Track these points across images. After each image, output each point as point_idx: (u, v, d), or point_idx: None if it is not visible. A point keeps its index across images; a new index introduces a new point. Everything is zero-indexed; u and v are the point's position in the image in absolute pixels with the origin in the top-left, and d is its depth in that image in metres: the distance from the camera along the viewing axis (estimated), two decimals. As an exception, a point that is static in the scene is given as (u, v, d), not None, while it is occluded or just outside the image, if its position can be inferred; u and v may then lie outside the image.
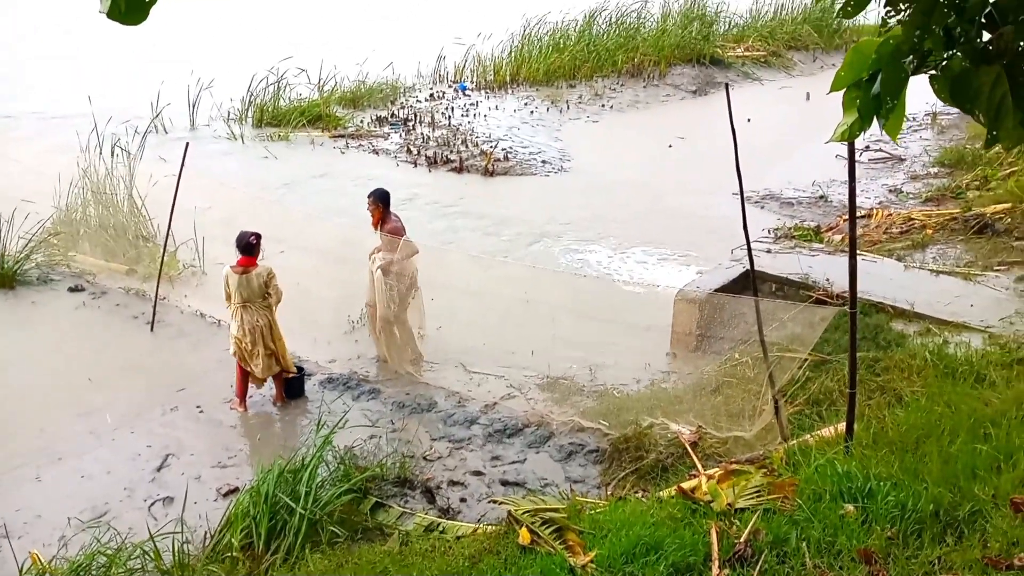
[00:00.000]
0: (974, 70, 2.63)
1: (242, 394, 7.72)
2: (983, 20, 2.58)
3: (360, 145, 17.06)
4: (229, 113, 18.18)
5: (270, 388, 7.91)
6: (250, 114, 18.32)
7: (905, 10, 2.60)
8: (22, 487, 6.60)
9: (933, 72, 2.74)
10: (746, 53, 26.21)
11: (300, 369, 8.10)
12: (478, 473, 6.71)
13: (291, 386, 7.91)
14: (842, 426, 5.70)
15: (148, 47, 22.37)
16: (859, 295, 5.74)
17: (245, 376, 7.68)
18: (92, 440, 7.23)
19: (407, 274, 8.28)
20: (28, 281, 10.07)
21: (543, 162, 16.33)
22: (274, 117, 18.18)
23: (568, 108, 20.69)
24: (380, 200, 8.39)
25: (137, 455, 7.02)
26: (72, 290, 10.00)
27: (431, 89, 21.93)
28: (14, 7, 30.94)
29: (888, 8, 2.63)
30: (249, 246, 7.52)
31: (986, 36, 2.58)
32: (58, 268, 10.43)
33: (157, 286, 9.26)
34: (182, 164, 8.93)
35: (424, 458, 6.85)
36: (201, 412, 7.67)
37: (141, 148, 11.83)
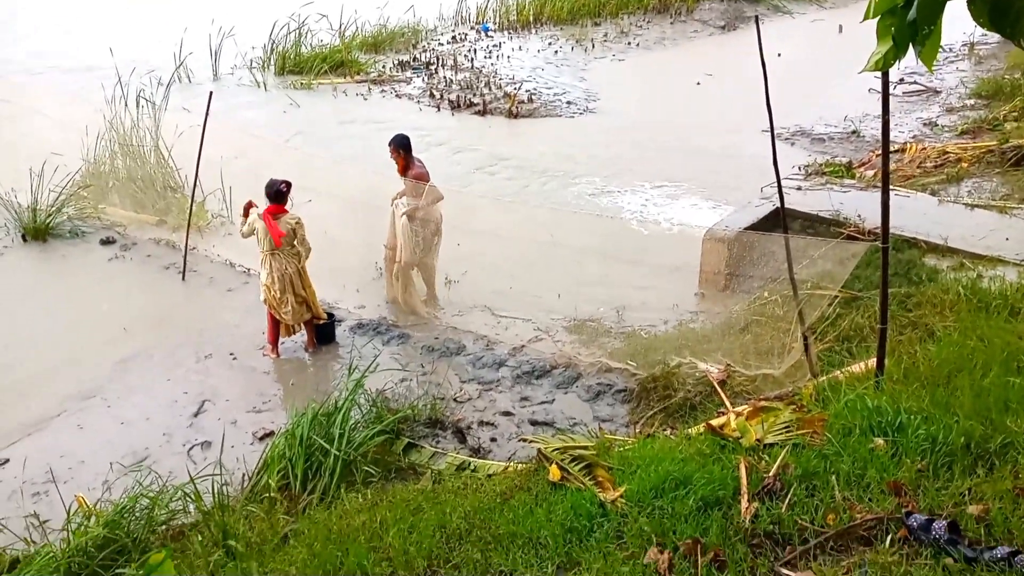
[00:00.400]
0: (1014, -7, 2.53)
1: (274, 341, 7.84)
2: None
3: (383, 90, 16.93)
4: (251, 61, 18.10)
5: (302, 334, 8.01)
6: (272, 62, 18.22)
7: (943, -68, 2.49)
8: (65, 434, 6.79)
9: (971, -2, 2.64)
10: (776, -15, 25.39)
11: (330, 315, 8.19)
12: (507, 413, 6.78)
13: (322, 332, 8.00)
14: (872, 362, 5.65)
15: (168, -4, 22.21)
16: (891, 230, 5.63)
17: (276, 323, 7.79)
18: (130, 388, 7.40)
19: (432, 220, 8.27)
20: (60, 234, 10.22)
21: (568, 103, 16.10)
22: (296, 64, 18.06)
23: (593, 47, 20.29)
24: (400, 146, 8.32)
25: (174, 402, 7.18)
26: (104, 242, 10.14)
27: (453, 31, 21.60)
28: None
29: (925, -71, 2.52)
30: (279, 194, 7.55)
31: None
32: (89, 220, 10.55)
33: (187, 236, 9.34)
34: (206, 114, 8.92)
35: (454, 400, 6.93)
36: (235, 359, 7.81)
37: (165, 99, 11.82)
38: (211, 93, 9.35)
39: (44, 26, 21.88)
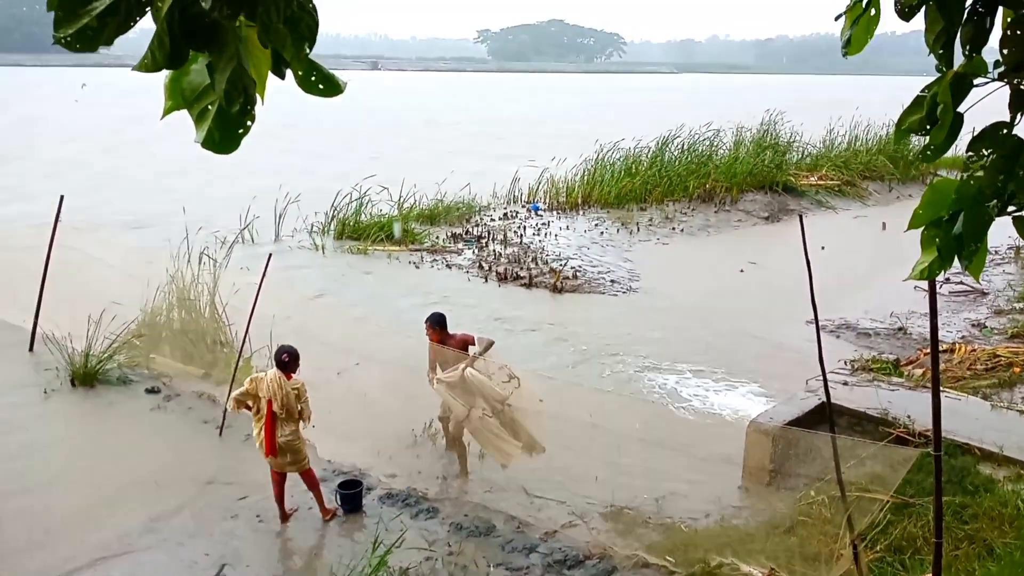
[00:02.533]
0: (1059, 214, 2.57)
1: (280, 498, 7.64)
2: (1070, 164, 2.54)
3: (435, 260, 17.51)
4: (312, 226, 19.00)
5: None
6: (332, 227, 19.10)
7: (989, 155, 2.58)
8: (80, 588, 6.60)
9: (1018, 214, 2.69)
10: (820, 182, 26.27)
11: (358, 483, 8.05)
12: (536, 605, 6.43)
13: (349, 500, 7.84)
14: (928, 577, 5.31)
15: (244, 162, 23.72)
16: (943, 434, 5.46)
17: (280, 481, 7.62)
18: (152, 544, 7.24)
19: (471, 388, 8.29)
20: (108, 380, 10.42)
21: (612, 281, 16.41)
22: (355, 231, 18.91)
23: (638, 230, 20.92)
24: (436, 324, 8.50)
25: (195, 563, 6.98)
26: (149, 391, 10.29)
27: (505, 208, 22.55)
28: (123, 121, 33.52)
29: (970, 153, 2.61)
30: (281, 363, 7.49)
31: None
32: (138, 369, 10.78)
33: (229, 391, 9.42)
34: (263, 273, 9.28)
35: (480, 585, 6.62)
36: (261, 522, 7.64)
37: (227, 257, 12.36)
38: (270, 254, 9.79)
39: (121, 182, 23.46)
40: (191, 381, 10.63)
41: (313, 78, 1.80)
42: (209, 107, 1.72)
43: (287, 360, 7.53)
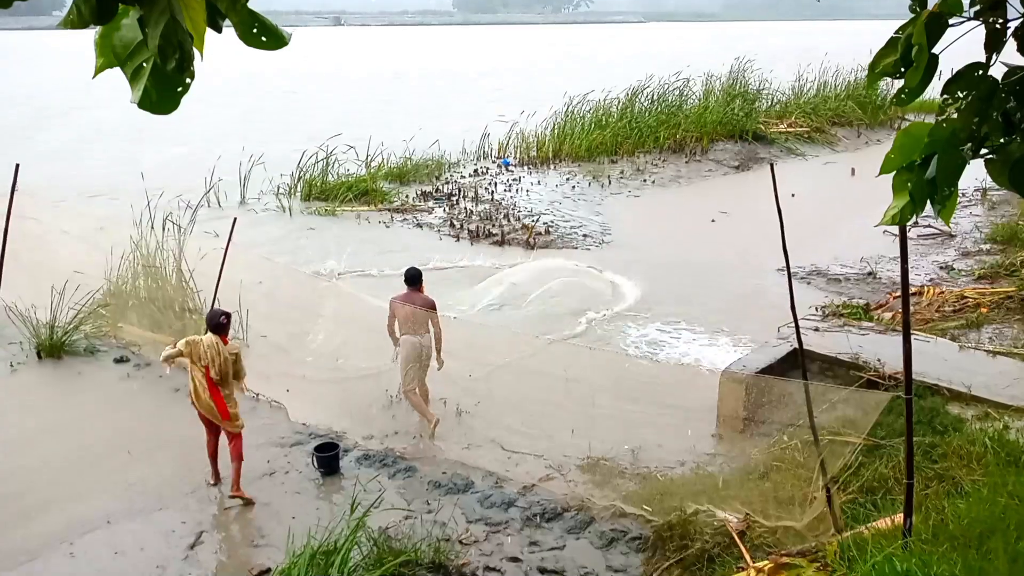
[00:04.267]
0: (1033, 155, 2.53)
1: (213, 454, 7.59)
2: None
3: (404, 219, 17.32)
4: (279, 188, 18.67)
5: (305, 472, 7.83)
6: (299, 189, 18.79)
7: (964, 97, 2.52)
8: (56, 561, 6.55)
9: (990, 156, 2.65)
10: (789, 129, 26.27)
11: (335, 445, 8.03)
12: (515, 559, 6.48)
13: (326, 462, 7.81)
14: (899, 517, 5.41)
15: (203, 124, 23.19)
16: (913, 377, 5.52)
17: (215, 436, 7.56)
18: (129, 513, 7.18)
19: (425, 347, 8.50)
20: (76, 351, 10.24)
21: (584, 236, 16.37)
22: (322, 192, 18.63)
23: (610, 183, 20.83)
24: (411, 279, 8.72)
25: (171, 531, 6.94)
26: (117, 361, 10.13)
27: (475, 165, 22.30)
28: (73, 82, 32.55)
29: (945, 95, 2.55)
30: (218, 326, 7.42)
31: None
32: (105, 339, 10.60)
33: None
34: (229, 238, 9.11)
35: (460, 542, 6.65)
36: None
37: (192, 222, 12.11)
38: (235, 219, 9.59)
39: (80, 149, 22.86)
40: (160, 349, 10.43)
41: (255, 30, 1.68)
42: (144, 64, 1.61)
43: (224, 323, 7.45)
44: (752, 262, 13.78)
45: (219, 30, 1.65)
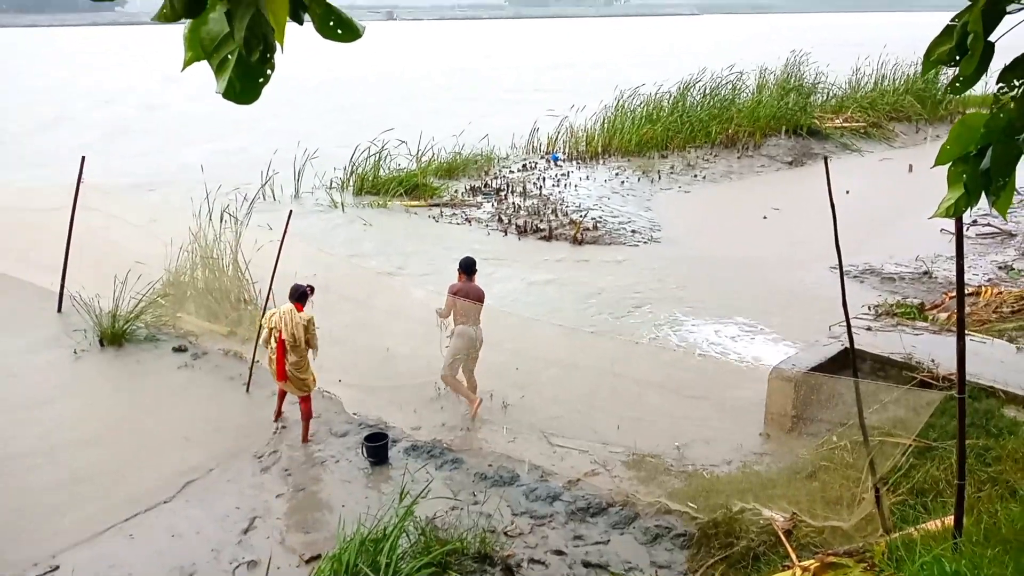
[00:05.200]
0: (1091, 148, 2.49)
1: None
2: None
3: (454, 214, 17.47)
4: (331, 182, 19.00)
5: (352, 456, 8.01)
6: (351, 183, 19.09)
7: (1019, 86, 2.49)
8: (117, 543, 6.81)
9: (1047, 148, 2.61)
10: (845, 124, 25.75)
11: (384, 435, 8.18)
12: (559, 552, 6.54)
13: (375, 452, 7.97)
14: (949, 519, 5.33)
15: (263, 118, 23.65)
16: (968, 378, 5.42)
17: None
18: (185, 498, 7.43)
19: (467, 336, 8.68)
20: (136, 340, 10.60)
21: (632, 232, 16.30)
22: (374, 186, 18.90)
23: (660, 178, 20.69)
24: (464, 268, 8.97)
25: (226, 516, 7.16)
26: (176, 350, 10.46)
27: (524, 160, 22.35)
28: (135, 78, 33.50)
29: (1000, 84, 2.52)
30: (302, 295, 8.31)
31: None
32: (164, 328, 10.95)
33: (255, 349, 9.57)
34: (285, 230, 9.32)
35: (505, 534, 6.73)
36: (289, 475, 7.80)
37: (248, 215, 12.43)
38: (290, 212, 9.80)
39: (141, 143, 23.52)
40: (217, 339, 10.78)
41: (332, 23, 1.77)
42: (229, 56, 1.70)
43: (307, 293, 8.37)
44: (804, 260, 13.58)
45: (300, 22, 1.74)
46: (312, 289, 8.53)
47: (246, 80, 1.74)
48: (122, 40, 74.16)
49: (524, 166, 21.63)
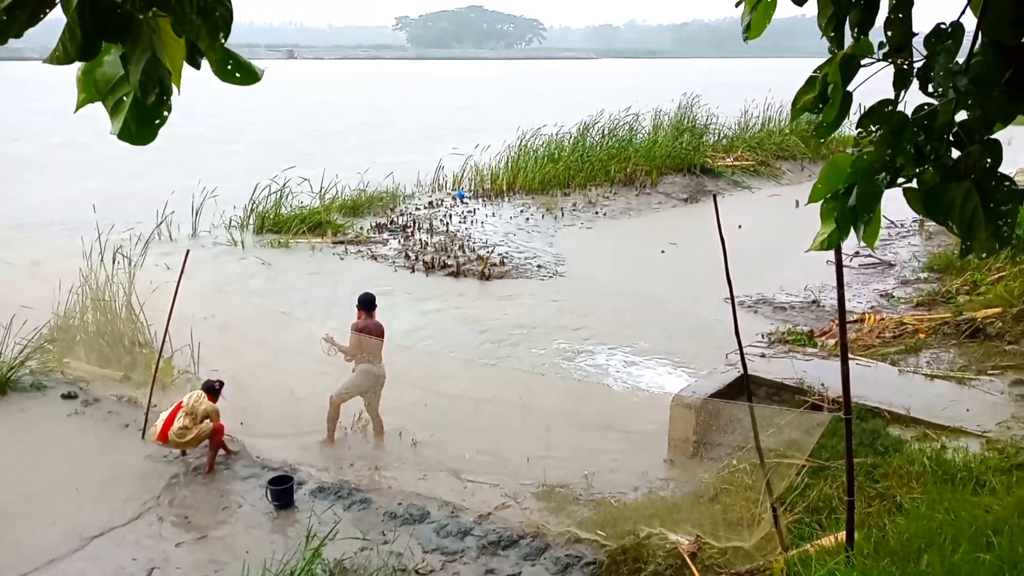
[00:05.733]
0: (945, 185, 2.75)
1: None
2: (951, 138, 2.72)
3: (359, 251, 17.34)
4: (231, 220, 18.58)
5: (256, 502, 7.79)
6: (251, 222, 18.71)
7: (876, 130, 2.74)
8: (0, 603, 6.39)
9: (907, 185, 2.87)
10: (736, 163, 27.01)
11: (289, 478, 7.98)
12: (471, 587, 6.51)
13: (280, 496, 7.76)
14: (842, 535, 5.59)
15: (154, 159, 22.94)
16: (854, 400, 5.76)
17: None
18: (77, 554, 7.03)
19: (371, 373, 8.80)
20: (22, 387, 10.03)
21: (538, 266, 16.57)
22: (275, 224, 18.57)
23: (563, 215, 21.15)
24: (364, 305, 9.08)
25: (122, 568, 6.82)
26: (65, 397, 9.94)
27: (430, 197, 22.46)
28: (26, 111, 32.02)
29: (859, 129, 2.77)
30: (214, 390, 8.60)
31: (955, 153, 2.72)
32: (52, 375, 10.40)
33: (151, 393, 9.21)
34: (182, 270, 9.06)
35: (416, 572, 6.66)
36: (190, 523, 7.50)
37: (143, 255, 12.03)
38: (187, 251, 9.56)
39: (29, 180, 22.45)
40: (110, 384, 10.31)
41: (229, 67, 1.80)
42: (124, 98, 1.71)
43: (217, 388, 8.67)
44: (700, 292, 14.10)
45: (197, 66, 1.76)
46: (222, 384, 8.75)
47: (142, 121, 1.75)
48: (8, 75, 70.75)
49: (430, 203, 21.72)
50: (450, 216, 20.31)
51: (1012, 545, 4.91)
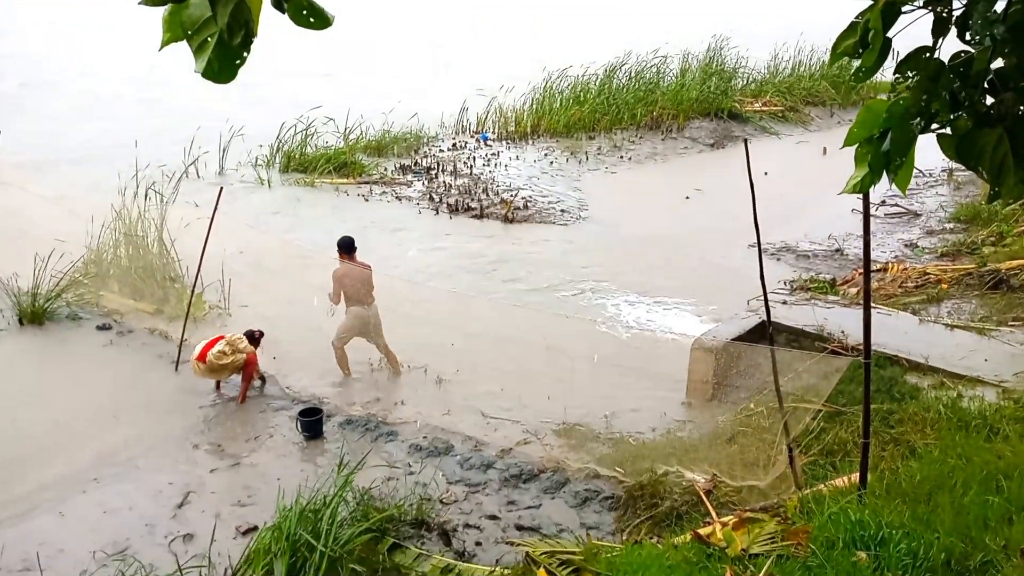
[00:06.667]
0: (978, 131, 2.81)
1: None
2: (986, 85, 2.77)
3: (384, 192, 17.42)
4: (257, 159, 18.66)
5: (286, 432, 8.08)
6: (278, 160, 18.80)
7: (913, 76, 2.79)
8: (47, 520, 6.74)
9: (940, 131, 2.93)
10: (764, 108, 26.57)
11: (318, 410, 8.26)
12: (494, 517, 6.78)
13: (310, 427, 8.04)
14: (855, 476, 5.75)
15: (189, 94, 22.95)
16: (874, 347, 5.84)
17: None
18: (115, 475, 7.37)
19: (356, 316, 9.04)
20: (58, 319, 10.33)
21: (562, 211, 16.59)
22: (301, 164, 18.63)
23: (587, 159, 21.03)
24: (344, 248, 9.20)
25: (159, 492, 7.15)
26: (100, 328, 10.24)
27: (454, 139, 22.36)
28: (68, 49, 32.00)
29: (897, 75, 2.82)
30: (252, 336, 8.87)
31: (989, 100, 2.77)
32: (87, 307, 10.69)
33: (184, 327, 9.47)
34: (215, 207, 9.21)
35: (440, 501, 6.93)
36: (223, 450, 7.81)
37: (175, 192, 12.17)
38: (220, 188, 9.69)
39: (63, 115, 22.59)
40: (142, 318, 10.60)
41: (304, 12, 1.89)
42: (209, 39, 1.81)
43: (257, 337, 8.94)
44: (724, 238, 14.09)
45: (283, 10, 1.86)
46: (262, 334, 9.01)
47: (224, 61, 1.86)
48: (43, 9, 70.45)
49: (454, 145, 21.65)
50: (474, 158, 20.27)
51: (1021, 489, 5.05)
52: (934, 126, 2.89)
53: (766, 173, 16.14)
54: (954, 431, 6.58)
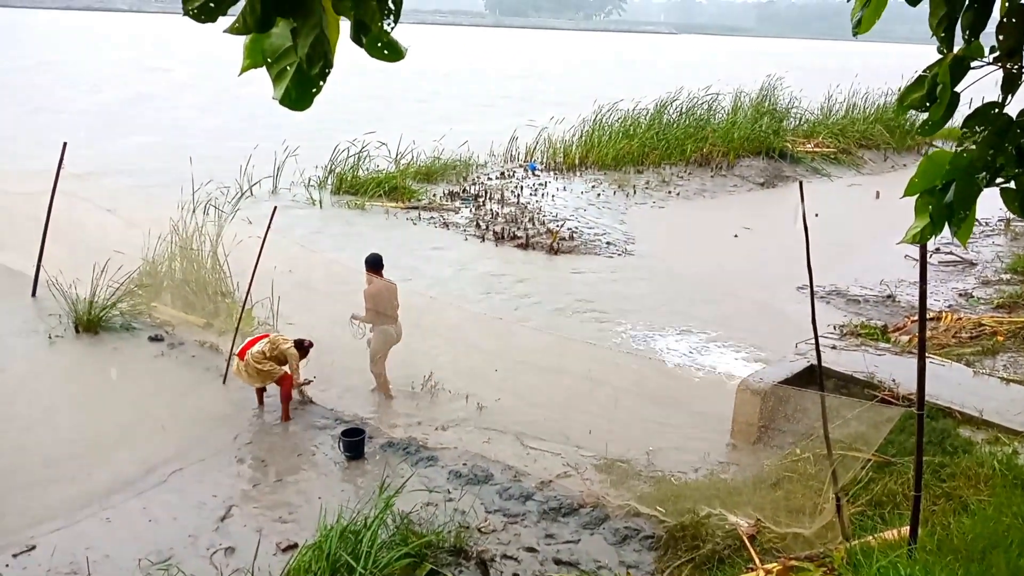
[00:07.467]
0: (1044, 187, 2.78)
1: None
2: (1053, 143, 2.74)
3: (432, 217, 17.63)
4: (310, 180, 19.04)
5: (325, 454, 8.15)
6: (330, 182, 19.16)
7: (981, 131, 2.77)
8: (94, 526, 6.87)
9: (1004, 185, 2.90)
10: (816, 149, 26.37)
11: (361, 431, 8.32)
12: (531, 550, 6.73)
13: (352, 447, 8.10)
14: (905, 530, 5.61)
15: (250, 115, 23.60)
16: (926, 398, 5.72)
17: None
18: (161, 485, 7.50)
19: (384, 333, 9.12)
20: (112, 328, 10.60)
21: (608, 243, 16.60)
22: (352, 186, 18.98)
23: (635, 193, 21.05)
24: (373, 265, 9.27)
25: (203, 504, 7.25)
26: (152, 339, 10.48)
27: (502, 168, 22.58)
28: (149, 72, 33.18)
29: (964, 128, 2.81)
30: (300, 344, 8.91)
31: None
32: (140, 317, 10.96)
33: (233, 341, 9.63)
34: (268, 225, 9.41)
35: (479, 530, 6.91)
36: (266, 466, 7.91)
37: (235, 208, 12.46)
38: (275, 207, 9.90)
39: (128, 131, 23.35)
40: (193, 330, 10.82)
41: (379, 44, 1.97)
42: (288, 67, 1.89)
43: (307, 346, 8.98)
44: (772, 279, 13.97)
45: (361, 44, 1.93)
46: (311, 344, 9.03)
47: (302, 89, 1.94)
48: (103, 28, 73.17)
49: (502, 174, 21.86)
50: (521, 188, 20.42)
51: (1082, 553, 4.88)
52: (998, 180, 2.88)
53: (817, 215, 15.93)
54: (1009, 488, 6.40)
